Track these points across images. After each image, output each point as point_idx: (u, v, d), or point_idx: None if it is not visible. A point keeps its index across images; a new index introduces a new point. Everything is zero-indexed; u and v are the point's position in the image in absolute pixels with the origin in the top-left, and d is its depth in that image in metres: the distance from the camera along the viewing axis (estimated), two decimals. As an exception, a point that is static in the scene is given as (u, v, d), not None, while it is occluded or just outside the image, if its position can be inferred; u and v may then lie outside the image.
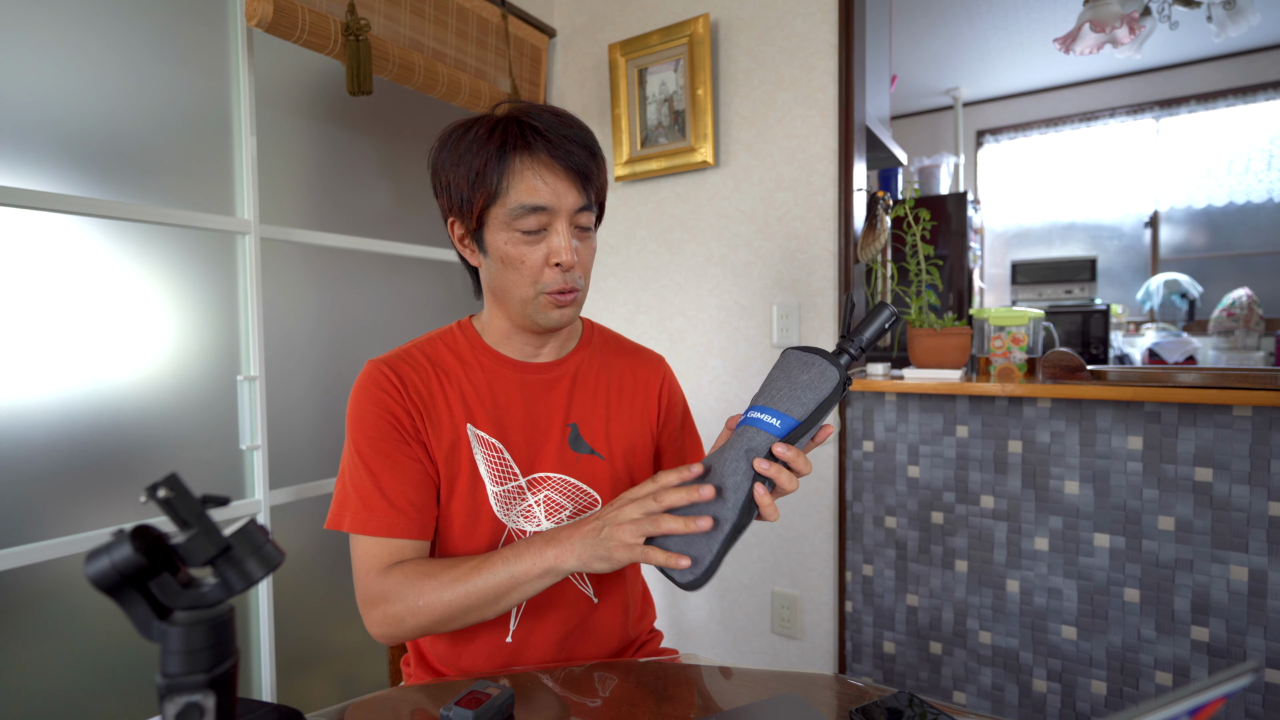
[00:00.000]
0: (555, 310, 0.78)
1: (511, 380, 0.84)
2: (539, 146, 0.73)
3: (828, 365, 0.66)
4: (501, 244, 0.76)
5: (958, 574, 1.53)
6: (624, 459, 0.88)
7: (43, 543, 1.09)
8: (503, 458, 0.81)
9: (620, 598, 0.88)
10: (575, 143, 0.75)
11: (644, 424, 0.91)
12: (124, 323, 1.20)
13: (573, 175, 0.75)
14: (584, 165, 0.75)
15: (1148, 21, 1.78)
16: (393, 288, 1.71)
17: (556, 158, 0.74)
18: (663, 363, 0.97)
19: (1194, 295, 3.64)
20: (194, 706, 0.34)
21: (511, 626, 0.81)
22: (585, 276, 0.80)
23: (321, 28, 1.34)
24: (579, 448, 0.85)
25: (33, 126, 1.09)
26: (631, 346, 0.96)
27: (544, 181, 0.73)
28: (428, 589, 0.71)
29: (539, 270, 0.76)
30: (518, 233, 0.75)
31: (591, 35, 2.01)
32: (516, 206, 0.73)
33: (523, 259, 0.75)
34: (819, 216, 1.67)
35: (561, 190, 0.74)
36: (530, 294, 0.77)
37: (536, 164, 0.74)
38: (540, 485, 0.82)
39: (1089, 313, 3.16)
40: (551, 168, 0.74)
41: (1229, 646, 1.26)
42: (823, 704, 0.63)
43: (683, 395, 0.99)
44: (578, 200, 0.75)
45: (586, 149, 0.76)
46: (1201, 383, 1.27)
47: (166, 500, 0.34)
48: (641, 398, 0.91)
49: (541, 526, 0.82)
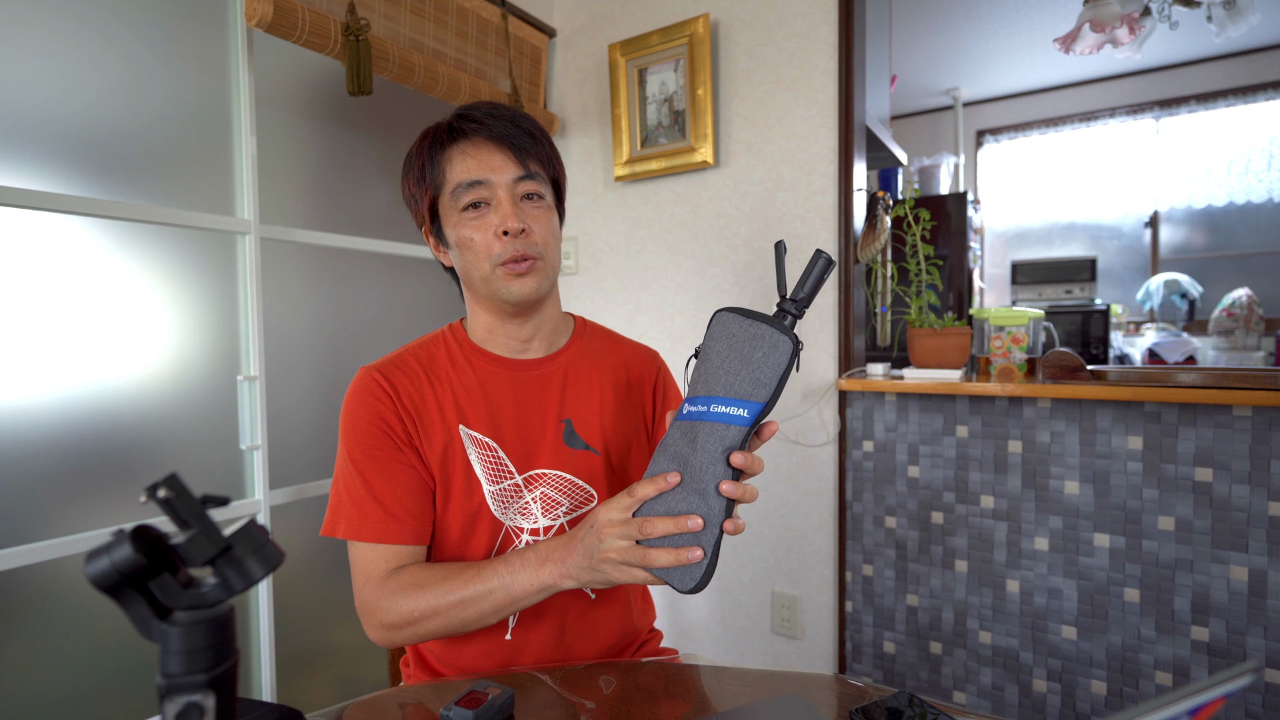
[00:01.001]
0: (515, 280, 0.78)
1: (503, 378, 0.84)
2: (465, 131, 0.78)
3: (778, 335, 0.61)
4: (454, 228, 0.79)
5: (958, 574, 1.53)
6: (619, 454, 0.88)
7: (43, 543, 1.08)
8: (497, 456, 0.81)
9: (619, 594, 0.88)
10: (501, 118, 0.79)
11: (639, 418, 0.91)
12: (124, 323, 1.20)
13: (503, 147, 0.78)
14: (512, 136, 0.78)
15: (1148, 21, 1.78)
16: (392, 288, 1.71)
17: (485, 135, 0.78)
18: (656, 356, 0.97)
19: (1194, 295, 3.64)
20: (194, 706, 0.34)
21: (510, 625, 0.82)
22: (546, 247, 0.80)
23: (321, 28, 1.34)
24: (574, 443, 0.84)
25: (33, 126, 1.09)
26: (624, 341, 0.96)
27: (476, 158, 0.77)
28: (423, 600, 0.71)
29: (490, 244, 0.77)
30: (463, 212, 0.78)
31: (591, 35, 2.01)
32: (455, 186, 0.77)
33: (472, 237, 0.78)
34: (819, 216, 1.67)
35: (495, 164, 0.77)
36: (487, 270, 0.78)
37: (467, 144, 0.78)
38: (536, 482, 0.82)
39: (1089, 313, 3.16)
40: (479, 145, 0.78)
41: (1229, 646, 1.26)
42: (823, 704, 0.63)
43: (678, 389, 0.98)
44: (514, 170, 0.78)
45: (515, 124, 0.79)
46: (1201, 383, 1.27)
47: (166, 500, 0.34)
48: (636, 392, 0.91)
49: (538, 524, 0.82)
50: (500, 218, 0.77)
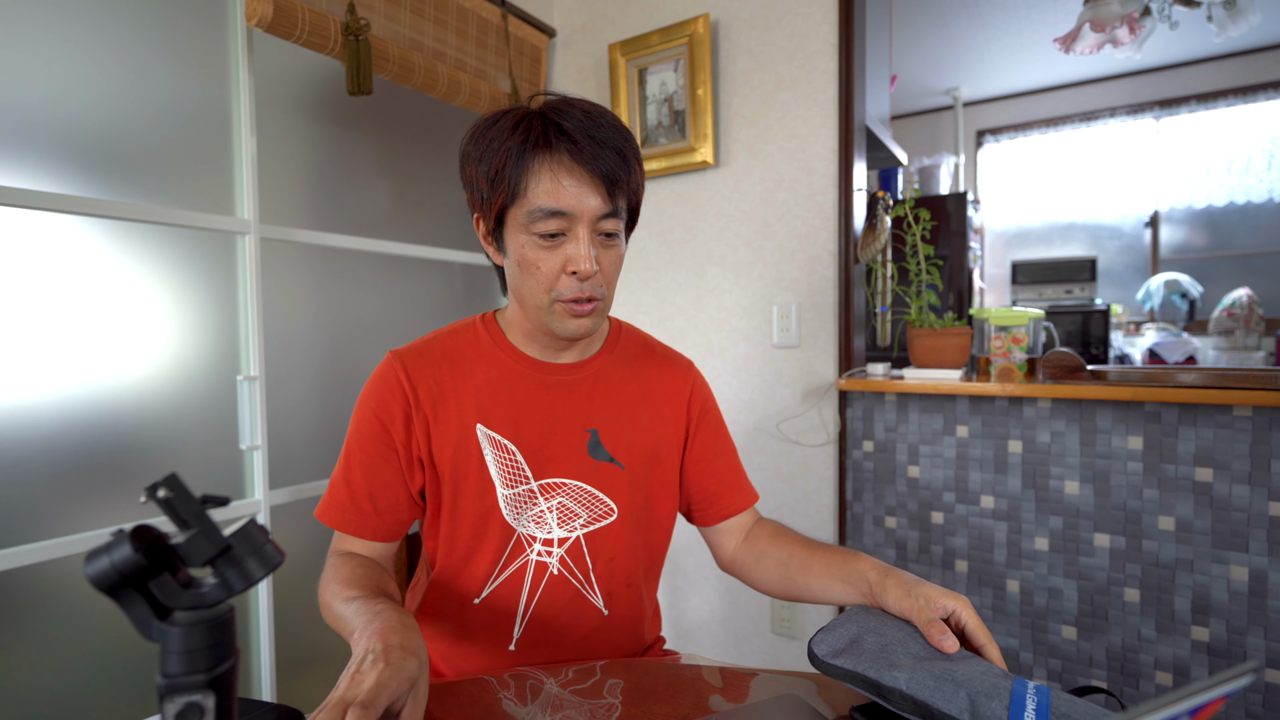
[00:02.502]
0: (572, 320, 0.74)
1: (531, 380, 0.81)
2: (561, 147, 0.69)
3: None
4: (519, 246, 0.73)
5: (958, 574, 1.53)
6: (645, 468, 0.84)
7: (43, 543, 1.08)
8: (515, 460, 0.78)
9: (632, 611, 0.86)
10: (604, 145, 0.70)
11: (670, 433, 0.87)
12: (124, 323, 1.20)
13: (597, 179, 0.70)
14: (610, 170, 0.70)
15: (1148, 21, 1.78)
16: (393, 287, 1.71)
17: (580, 161, 0.69)
18: (692, 368, 0.92)
19: (1194, 295, 3.64)
20: (194, 706, 0.34)
21: (515, 634, 0.80)
22: (608, 286, 0.76)
23: (321, 27, 1.34)
24: (598, 455, 0.81)
25: (33, 126, 1.09)
26: (661, 350, 0.92)
27: (564, 185, 0.69)
28: (326, 593, 0.72)
29: (555, 277, 0.72)
30: (535, 236, 0.71)
31: (591, 35, 2.01)
32: (535, 209, 0.70)
33: (538, 264, 0.72)
34: (819, 216, 1.67)
35: (583, 195, 0.70)
36: (545, 301, 0.73)
37: (557, 166, 0.69)
38: (554, 491, 0.80)
39: (1089, 313, 3.16)
40: (573, 171, 0.70)
41: (1229, 646, 1.26)
42: (823, 704, 0.63)
43: (714, 402, 0.93)
44: (601, 206, 0.71)
45: (616, 152, 0.71)
46: (1201, 383, 1.27)
47: (166, 500, 0.34)
48: (669, 405, 0.87)
49: (553, 534, 0.80)
50: (575, 255, 0.71)
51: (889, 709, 0.59)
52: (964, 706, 0.53)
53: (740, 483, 0.91)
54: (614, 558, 0.83)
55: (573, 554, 0.81)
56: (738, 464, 0.92)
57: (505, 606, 0.80)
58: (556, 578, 0.81)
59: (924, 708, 0.55)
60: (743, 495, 0.90)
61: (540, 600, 0.80)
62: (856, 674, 0.60)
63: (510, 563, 0.80)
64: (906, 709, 0.56)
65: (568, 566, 0.81)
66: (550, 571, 0.80)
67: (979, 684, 0.55)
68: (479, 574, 0.80)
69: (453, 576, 0.81)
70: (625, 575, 0.84)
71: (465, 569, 0.80)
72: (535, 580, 0.80)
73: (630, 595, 0.85)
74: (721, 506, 0.89)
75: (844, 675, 0.61)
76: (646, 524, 0.86)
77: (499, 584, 0.80)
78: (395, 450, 0.78)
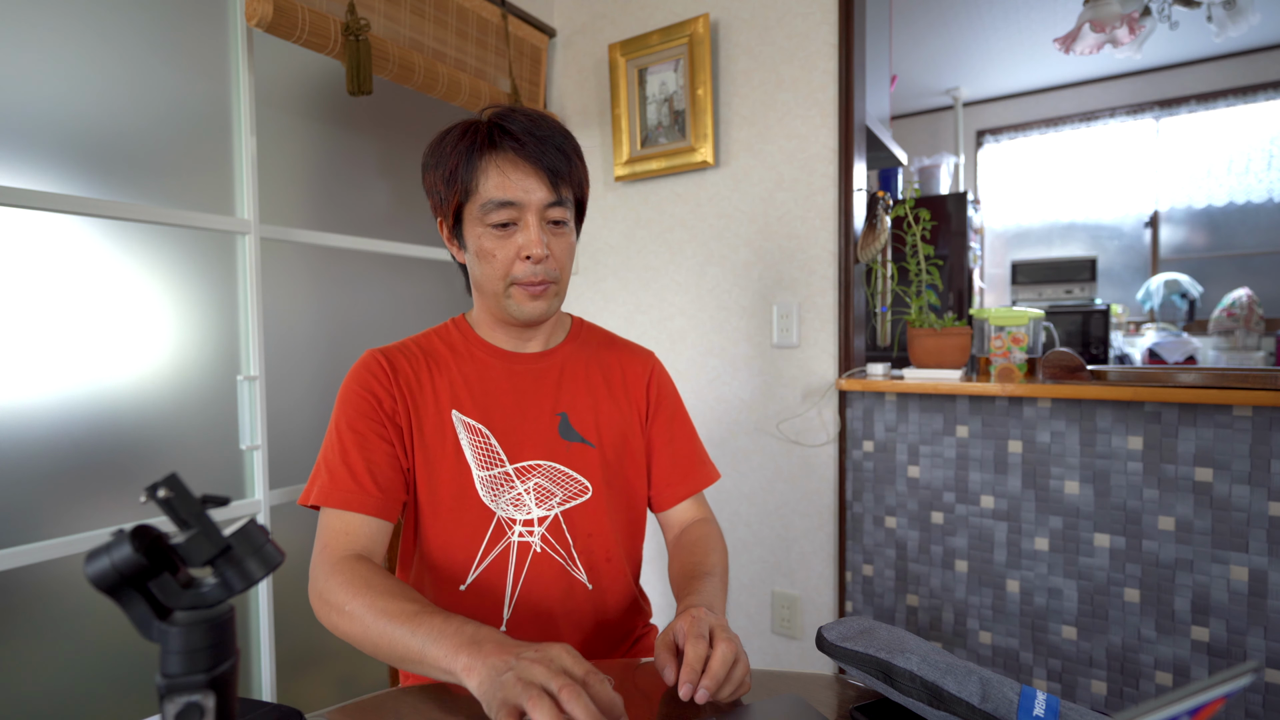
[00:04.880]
0: (529, 302, 0.81)
1: (500, 369, 0.87)
2: (507, 145, 0.77)
3: None
4: (476, 238, 0.80)
5: (958, 574, 1.53)
6: (615, 448, 0.90)
7: (43, 543, 1.08)
8: (489, 443, 0.83)
9: (616, 585, 0.88)
10: (545, 141, 0.78)
11: (632, 416, 0.93)
12: (124, 323, 1.20)
13: (541, 172, 0.78)
14: (553, 163, 0.78)
15: (1148, 21, 1.78)
16: (393, 287, 1.71)
17: (524, 156, 0.77)
18: (651, 356, 0.98)
19: (1194, 295, 3.64)
20: (194, 706, 0.34)
21: (505, 615, 0.82)
22: (562, 270, 0.83)
23: (321, 28, 1.34)
24: (569, 436, 0.87)
25: (33, 126, 1.09)
26: (620, 342, 0.98)
27: (511, 178, 0.77)
28: (358, 603, 0.67)
29: (510, 263, 0.79)
30: (489, 227, 0.79)
31: (591, 35, 2.01)
32: (487, 202, 0.77)
33: (494, 252, 0.79)
34: (819, 216, 1.67)
35: (530, 186, 0.78)
36: (502, 287, 0.81)
37: (504, 162, 0.78)
38: (529, 473, 0.84)
39: (1089, 313, 3.16)
40: (519, 165, 0.77)
41: (1229, 646, 1.26)
42: (823, 704, 0.63)
43: (674, 389, 0.99)
44: (547, 196, 0.78)
45: (558, 149, 0.79)
46: (1201, 383, 1.27)
47: (166, 500, 0.34)
48: (632, 389, 0.94)
49: (532, 514, 0.83)
50: (526, 241, 0.78)
51: (890, 709, 0.59)
52: (975, 690, 0.55)
53: (686, 473, 0.95)
54: (592, 534, 0.86)
55: (553, 531, 0.84)
56: (692, 450, 0.96)
57: (493, 590, 0.82)
58: (540, 555, 0.83)
59: (934, 690, 0.56)
60: (685, 485, 0.94)
61: (526, 579, 0.82)
62: (867, 655, 0.60)
63: (493, 547, 0.82)
64: (915, 693, 0.57)
65: (550, 544, 0.84)
66: (534, 550, 0.83)
67: (992, 675, 0.56)
68: (462, 560, 0.82)
69: (436, 565, 0.82)
70: (604, 550, 0.87)
71: (447, 555, 0.82)
72: (520, 560, 0.83)
73: (611, 570, 0.88)
74: (666, 496, 0.94)
75: (854, 658, 0.61)
76: (623, 502, 0.91)
77: (484, 568, 0.82)
78: (386, 425, 0.80)
